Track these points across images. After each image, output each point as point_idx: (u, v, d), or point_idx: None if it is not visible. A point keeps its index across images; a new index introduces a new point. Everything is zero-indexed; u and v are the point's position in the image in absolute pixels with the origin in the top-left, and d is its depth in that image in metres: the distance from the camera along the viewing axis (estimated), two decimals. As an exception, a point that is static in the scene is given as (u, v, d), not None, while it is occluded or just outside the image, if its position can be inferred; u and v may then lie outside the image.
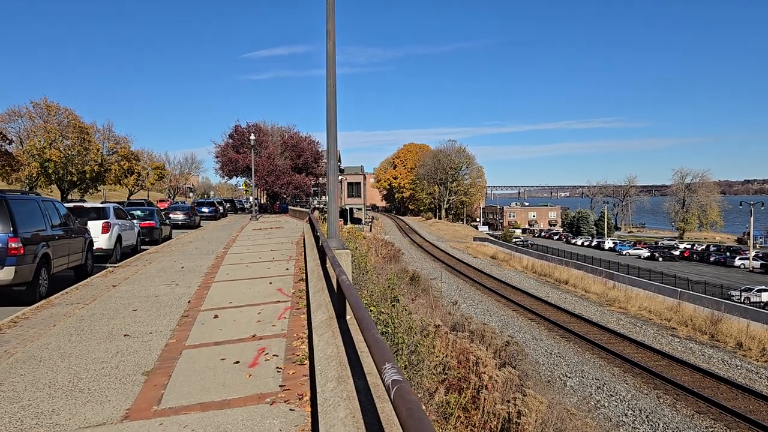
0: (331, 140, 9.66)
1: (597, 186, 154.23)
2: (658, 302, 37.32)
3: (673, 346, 27.30)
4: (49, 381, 6.14)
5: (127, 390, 5.81)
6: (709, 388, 20.67)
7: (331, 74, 9.43)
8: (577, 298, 41.61)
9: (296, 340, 7.42)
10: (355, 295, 3.25)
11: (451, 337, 13.72)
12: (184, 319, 9.12)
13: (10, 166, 44.95)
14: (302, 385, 5.68)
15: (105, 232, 17.70)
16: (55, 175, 54.66)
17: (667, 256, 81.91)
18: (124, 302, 10.69)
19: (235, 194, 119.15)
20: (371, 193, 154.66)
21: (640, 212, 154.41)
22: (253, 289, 11.59)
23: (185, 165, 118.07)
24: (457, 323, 21.04)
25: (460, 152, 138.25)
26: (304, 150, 59.29)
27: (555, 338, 28.13)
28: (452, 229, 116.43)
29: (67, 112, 55.34)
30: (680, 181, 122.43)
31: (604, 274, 50.66)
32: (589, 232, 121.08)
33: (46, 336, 8.21)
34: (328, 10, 9.37)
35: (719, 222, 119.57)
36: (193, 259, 17.46)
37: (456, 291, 40.30)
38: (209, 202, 48.74)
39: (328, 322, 4.41)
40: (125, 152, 65.33)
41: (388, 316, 10.98)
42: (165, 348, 7.43)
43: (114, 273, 14.98)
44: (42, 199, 13.07)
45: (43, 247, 11.77)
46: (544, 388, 18.20)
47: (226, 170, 59.16)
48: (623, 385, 21.15)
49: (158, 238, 24.67)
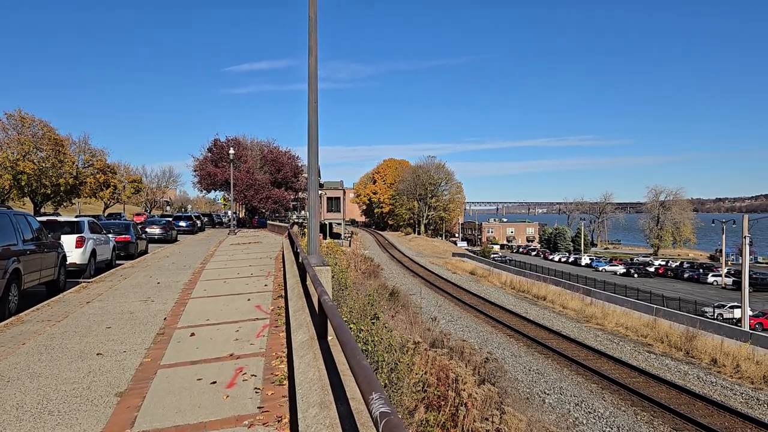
0: (312, 156, 9.60)
1: (574, 203, 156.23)
2: (634, 318, 37.71)
3: (650, 363, 27.52)
4: (16, 403, 5.92)
5: (98, 412, 5.62)
6: (685, 404, 20.84)
7: (313, 90, 9.40)
8: (555, 314, 41.82)
9: (275, 359, 7.28)
10: (338, 317, 3.18)
11: (430, 354, 13.64)
12: (159, 337, 8.91)
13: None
14: (281, 406, 5.55)
15: (79, 247, 17.33)
16: (29, 188, 53.55)
17: (642, 273, 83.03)
18: (98, 319, 10.42)
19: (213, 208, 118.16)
20: (351, 208, 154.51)
21: (615, 229, 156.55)
22: (231, 306, 11.40)
23: (162, 178, 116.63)
24: (437, 340, 20.97)
25: (440, 168, 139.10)
26: (284, 164, 59.06)
27: (534, 355, 28.18)
28: (431, 244, 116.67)
29: (42, 124, 54.43)
30: (655, 198, 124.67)
31: (582, 290, 51.11)
32: (566, 249, 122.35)
33: (15, 355, 7.94)
34: (310, 26, 9.37)
35: (692, 239, 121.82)
36: (169, 275, 17.16)
37: (435, 307, 40.25)
38: (186, 216, 48.16)
39: (309, 343, 4.32)
40: (101, 165, 64.37)
41: (368, 333, 10.87)
42: (139, 367, 7.23)
43: (88, 289, 14.64)
44: (14, 213, 12.75)
45: (13, 262, 11.47)
46: (523, 406, 18.18)
47: (204, 184, 58.58)
48: (601, 402, 21.21)
49: (134, 253, 24.23)
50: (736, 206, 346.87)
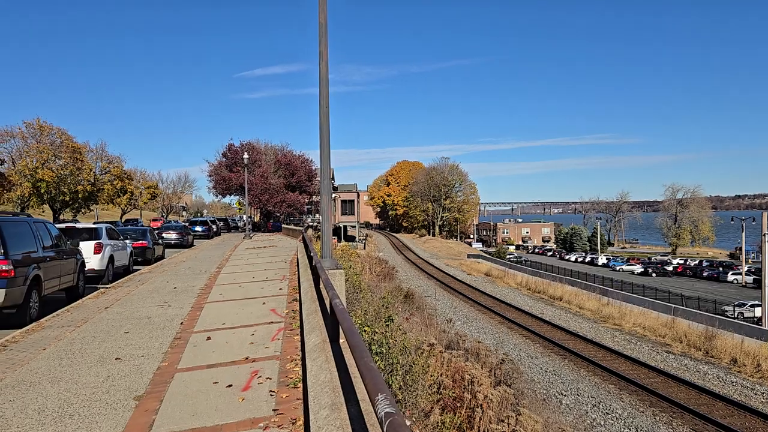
0: (324, 160, 9.69)
1: (590, 202, 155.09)
2: (652, 318, 37.31)
3: (668, 363, 27.24)
4: (38, 407, 6.05)
5: (117, 416, 5.74)
6: (705, 405, 20.60)
7: (324, 95, 9.49)
8: (571, 315, 41.54)
9: (289, 363, 7.36)
10: (348, 321, 3.23)
11: (445, 355, 13.64)
12: (176, 342, 9.04)
13: (2, 187, 44.81)
14: (296, 409, 5.62)
15: (97, 253, 17.60)
16: (48, 195, 54.46)
17: (660, 272, 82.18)
18: (116, 324, 10.59)
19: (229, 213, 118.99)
20: (365, 210, 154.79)
21: (632, 228, 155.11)
22: (246, 310, 11.52)
23: (178, 184, 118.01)
24: (452, 341, 20.95)
25: (453, 169, 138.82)
26: (298, 168, 59.39)
27: (550, 356, 28.02)
28: (446, 246, 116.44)
29: (60, 132, 55.36)
30: (672, 196, 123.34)
31: (598, 290, 50.70)
32: (582, 248, 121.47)
33: (36, 360, 8.11)
34: (320, 32, 9.46)
35: (711, 237, 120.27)
36: (185, 280, 17.36)
37: (450, 308, 40.19)
38: (202, 221, 48.62)
39: (321, 346, 4.38)
40: (118, 172, 65.27)
41: (383, 335, 10.91)
42: (157, 371, 7.35)
43: (106, 294, 14.86)
44: (33, 221, 12.99)
45: (34, 269, 11.68)
46: (539, 407, 18.09)
47: (219, 189, 59.11)
48: (619, 403, 21.04)
49: (151, 258, 24.53)
50: (756, 203, 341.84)
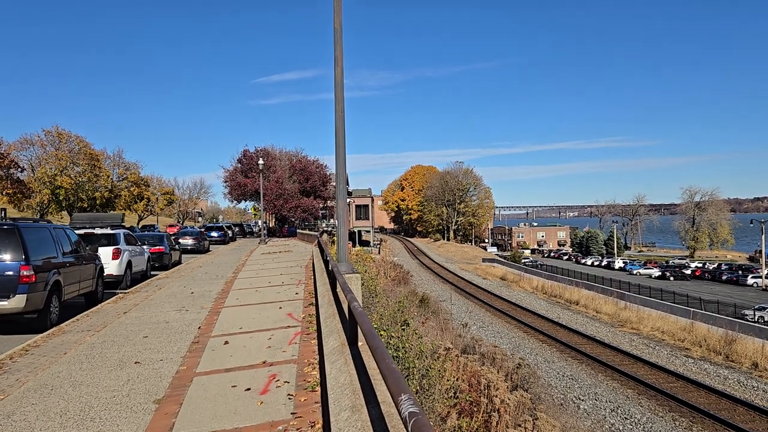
0: (339, 165, 9.72)
1: (606, 205, 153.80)
2: (670, 322, 36.87)
3: (688, 367, 26.89)
4: (60, 410, 6.13)
5: (138, 419, 5.79)
6: (725, 410, 20.29)
7: (339, 100, 9.53)
8: (588, 319, 41.19)
9: (307, 366, 7.39)
10: (368, 323, 3.25)
11: (461, 360, 13.59)
12: (194, 346, 9.11)
13: (22, 193, 45.53)
14: (314, 412, 5.63)
15: (115, 259, 17.80)
16: (66, 202, 55.25)
17: (678, 276, 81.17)
18: (135, 329, 10.70)
19: (244, 218, 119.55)
20: (379, 215, 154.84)
21: (649, 231, 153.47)
22: (263, 315, 11.58)
23: (194, 190, 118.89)
24: (468, 346, 20.88)
25: (468, 173, 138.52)
26: (312, 173, 59.63)
27: (567, 360, 27.79)
28: (461, 250, 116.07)
29: (78, 140, 56.15)
30: (689, 199, 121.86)
31: (616, 294, 50.20)
32: (598, 252, 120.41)
33: (57, 364, 8.21)
34: (335, 37, 9.51)
35: (730, 240, 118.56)
36: (202, 285, 17.49)
37: (466, 313, 40.06)
38: (218, 227, 48.94)
39: (340, 349, 4.39)
40: (135, 178, 66.01)
41: (399, 339, 10.91)
42: (176, 375, 7.41)
43: (124, 299, 15.02)
44: (53, 227, 13.18)
45: (54, 274, 11.84)
46: (557, 412, 17.94)
47: (234, 194, 59.51)
48: (638, 408, 20.81)
49: (168, 264, 24.74)
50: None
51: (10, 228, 10.98)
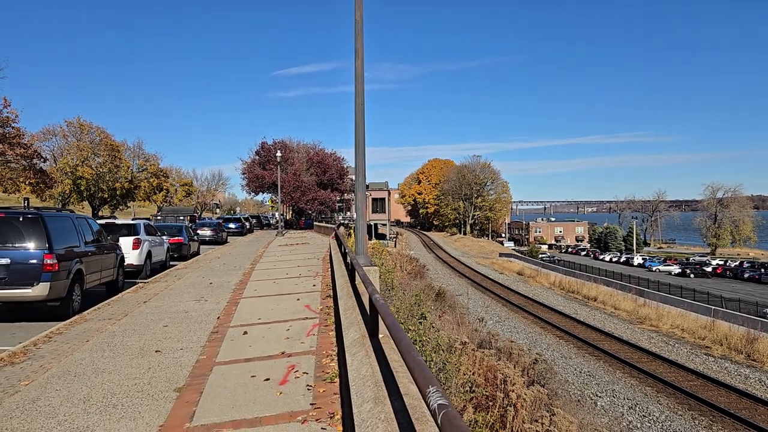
0: (359, 158, 9.70)
1: (625, 201, 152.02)
2: (691, 320, 36.38)
3: (708, 366, 26.54)
4: (83, 396, 6.22)
5: (159, 406, 5.86)
6: (746, 409, 20.01)
7: (360, 92, 9.50)
8: (606, 316, 40.81)
9: (325, 358, 7.41)
10: (391, 316, 3.23)
11: (478, 354, 13.55)
12: (213, 336, 9.19)
13: (45, 184, 46.14)
14: (333, 403, 5.65)
15: (135, 249, 18.01)
16: (87, 192, 55.98)
17: (699, 273, 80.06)
18: (155, 318, 10.82)
19: (261, 210, 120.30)
20: (396, 208, 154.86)
21: (670, 228, 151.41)
22: (281, 306, 11.64)
23: (212, 181, 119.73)
24: (484, 340, 20.82)
25: (485, 167, 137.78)
26: (330, 166, 59.72)
27: (584, 356, 27.59)
28: (477, 244, 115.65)
29: (99, 131, 56.77)
30: (712, 196, 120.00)
31: (634, 290, 49.66)
32: (617, 248, 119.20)
33: (80, 351, 8.34)
34: (356, 29, 9.47)
35: (753, 237, 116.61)
36: (221, 275, 17.63)
37: (482, 308, 39.94)
38: (236, 218, 49.26)
39: (360, 341, 4.39)
40: (154, 169, 66.57)
41: (416, 333, 10.92)
42: (196, 364, 7.48)
43: (144, 289, 15.20)
44: (76, 216, 13.35)
45: (76, 263, 12.01)
46: (573, 408, 17.82)
47: (252, 186, 59.83)
48: (656, 406, 20.60)
49: (187, 254, 24.99)
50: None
51: (35, 217, 11.14)
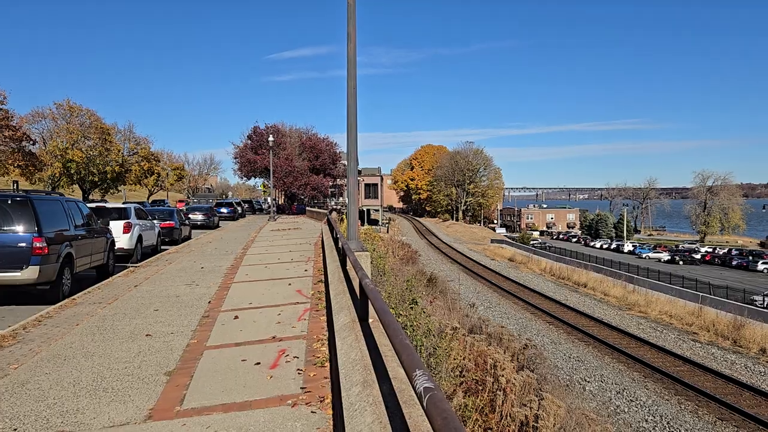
0: (350, 143, 9.67)
1: (616, 188, 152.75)
2: (679, 306, 36.77)
3: (695, 351, 26.88)
4: (73, 380, 6.22)
5: (149, 390, 5.87)
6: (731, 394, 20.31)
7: (352, 77, 9.44)
8: (596, 302, 41.17)
9: (316, 342, 7.44)
10: (380, 300, 3.24)
11: (468, 339, 13.64)
12: (204, 320, 9.19)
13: (34, 166, 45.76)
14: (323, 387, 5.68)
15: (126, 233, 17.92)
16: (77, 176, 55.55)
17: (688, 260, 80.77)
18: (146, 302, 10.80)
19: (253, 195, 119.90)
20: (388, 194, 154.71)
21: (660, 215, 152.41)
22: (273, 290, 11.65)
23: (204, 166, 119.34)
24: (475, 326, 20.92)
25: (478, 154, 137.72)
26: (322, 151, 59.53)
27: (574, 342, 27.85)
28: (469, 230, 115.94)
29: (89, 113, 56.22)
30: (702, 183, 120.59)
31: (624, 277, 50.06)
32: (608, 235, 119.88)
33: (70, 335, 8.32)
34: (349, 12, 9.39)
35: (741, 225, 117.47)
36: (212, 260, 17.60)
37: (473, 293, 40.14)
38: (228, 203, 49.11)
39: (350, 326, 4.40)
40: (145, 153, 66.13)
41: (407, 318, 10.96)
42: (186, 348, 7.49)
43: (135, 273, 15.15)
44: (66, 200, 13.25)
45: (66, 246, 11.94)
46: (562, 393, 18.01)
47: (244, 171, 59.59)
48: (643, 391, 20.87)
49: (178, 239, 24.90)
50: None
51: (23, 200, 11.05)
